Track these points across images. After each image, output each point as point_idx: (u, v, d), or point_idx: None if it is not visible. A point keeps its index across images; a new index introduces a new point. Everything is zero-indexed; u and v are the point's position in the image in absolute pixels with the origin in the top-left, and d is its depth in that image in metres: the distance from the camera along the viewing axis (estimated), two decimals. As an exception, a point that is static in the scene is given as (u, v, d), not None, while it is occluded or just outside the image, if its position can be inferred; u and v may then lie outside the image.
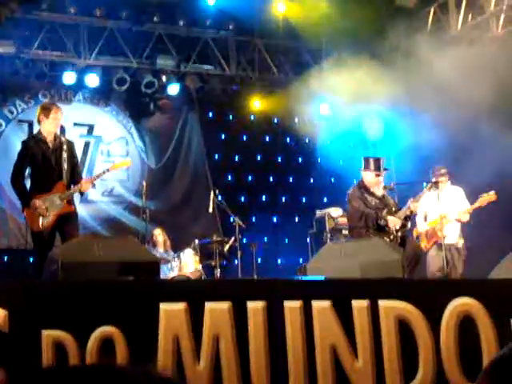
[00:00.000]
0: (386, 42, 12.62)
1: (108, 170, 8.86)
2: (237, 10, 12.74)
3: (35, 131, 8.97)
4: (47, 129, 8.15)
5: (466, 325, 5.08)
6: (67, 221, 8.03)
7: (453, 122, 10.82)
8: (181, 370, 4.55)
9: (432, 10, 12.98)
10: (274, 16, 13.25)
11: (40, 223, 7.85)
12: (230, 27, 13.83)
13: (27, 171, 8.21)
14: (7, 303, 4.36)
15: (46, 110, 8.17)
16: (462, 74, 10.38)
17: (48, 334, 4.36)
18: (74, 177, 8.25)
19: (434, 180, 9.92)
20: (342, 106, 14.12)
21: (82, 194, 8.48)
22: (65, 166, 8.10)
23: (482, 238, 10.55)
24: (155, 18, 13.20)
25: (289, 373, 4.83)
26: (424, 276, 9.72)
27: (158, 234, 11.63)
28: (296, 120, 14.83)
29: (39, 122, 8.23)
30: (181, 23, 13.45)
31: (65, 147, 8.16)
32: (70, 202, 8.12)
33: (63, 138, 8.38)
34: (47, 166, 8.04)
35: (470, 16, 12.25)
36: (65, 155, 8.11)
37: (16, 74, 12.79)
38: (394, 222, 8.94)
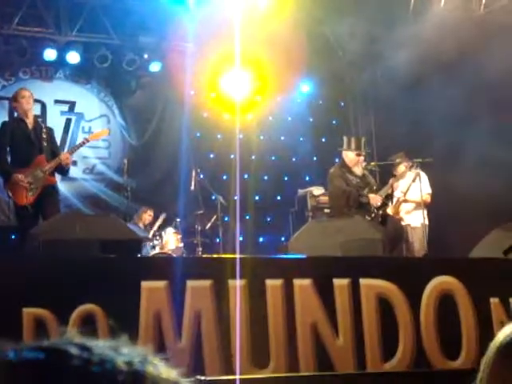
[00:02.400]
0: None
1: (87, 140, 9.04)
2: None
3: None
4: (22, 109, 8.39)
5: (446, 303, 5.12)
6: (48, 197, 8.09)
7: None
8: (162, 347, 4.56)
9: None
10: None
11: (24, 196, 7.89)
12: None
13: (7, 148, 8.25)
14: (-13, 281, 4.35)
15: (14, 97, 8.60)
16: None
17: (29, 312, 4.36)
18: (55, 154, 8.35)
19: (410, 162, 10.08)
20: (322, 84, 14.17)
21: (64, 170, 8.56)
22: (44, 143, 8.17)
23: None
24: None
25: (270, 350, 4.86)
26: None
27: (149, 216, 11.72)
28: (278, 98, 14.81)
29: (15, 109, 8.68)
30: None
31: (44, 129, 8.40)
32: (52, 174, 8.21)
33: (42, 124, 8.67)
34: (27, 142, 8.17)
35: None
36: (44, 136, 8.24)
37: (-5, 50, 12.68)
38: (375, 200, 9.01)
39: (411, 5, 12.79)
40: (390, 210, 9.76)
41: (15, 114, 8.99)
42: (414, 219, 10.32)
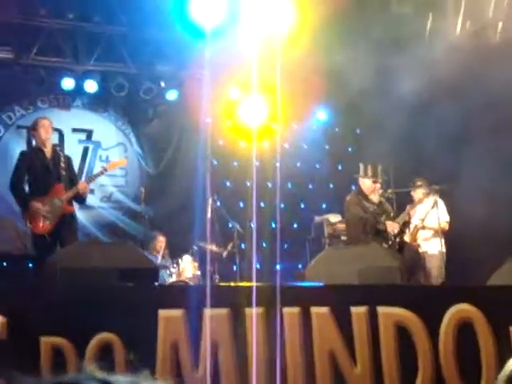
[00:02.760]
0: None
1: (105, 170, 9.04)
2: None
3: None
4: (41, 138, 8.42)
5: (465, 331, 5.08)
6: (66, 226, 8.11)
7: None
8: (179, 377, 4.55)
9: (430, 16, 12.98)
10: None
11: (41, 225, 7.92)
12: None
13: (26, 177, 8.28)
14: (6, 310, 4.35)
15: (33, 126, 8.61)
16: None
17: (46, 341, 4.36)
18: (73, 183, 8.38)
19: (424, 191, 10.06)
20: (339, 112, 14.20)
21: (82, 199, 8.58)
22: (63, 172, 8.20)
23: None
24: (154, 25, 13.20)
25: (288, 379, 4.83)
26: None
27: (162, 242, 11.68)
28: (295, 126, 14.84)
29: (33, 138, 8.71)
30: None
31: (62, 158, 8.40)
32: (70, 203, 8.23)
33: (61, 153, 8.66)
34: (45, 172, 8.18)
35: (468, 23, 12.24)
36: (63, 164, 8.26)
37: (14, 79, 12.77)
38: (392, 227, 8.96)
39: (426, 32, 12.83)
40: (407, 237, 9.72)
41: (33, 143, 9.02)
42: (432, 246, 10.29)
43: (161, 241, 11.67)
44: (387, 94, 14.16)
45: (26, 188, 8.24)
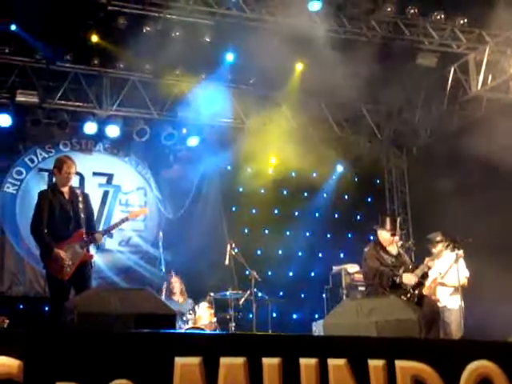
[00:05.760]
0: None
1: (127, 219, 8.99)
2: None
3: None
4: (60, 183, 8.34)
5: (485, 388, 5.01)
6: (83, 270, 8.10)
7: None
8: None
9: (452, 70, 13.07)
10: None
11: (63, 271, 7.92)
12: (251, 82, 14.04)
13: (45, 220, 8.25)
14: (22, 353, 4.34)
15: (59, 165, 8.36)
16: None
17: (62, 386, 4.33)
18: (90, 223, 8.38)
19: (448, 241, 9.99)
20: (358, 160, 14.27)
21: (97, 245, 8.61)
22: (82, 215, 8.21)
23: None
24: (177, 72, 13.36)
25: (303, 432, 4.77)
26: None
27: (175, 282, 11.63)
28: (314, 174, 14.88)
29: (54, 175, 8.45)
30: (203, 76, 13.59)
31: (80, 198, 8.35)
32: (88, 249, 8.28)
33: (78, 190, 8.62)
34: (65, 215, 8.15)
35: (490, 77, 12.31)
36: (81, 205, 8.24)
37: (38, 123, 12.92)
38: (408, 279, 8.88)
39: (448, 86, 12.90)
40: (425, 290, 9.64)
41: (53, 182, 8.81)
42: (451, 302, 10.23)
43: (174, 282, 11.64)
44: (408, 145, 14.24)
45: (46, 231, 8.20)
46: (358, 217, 15.07)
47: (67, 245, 8.02)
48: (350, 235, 14.92)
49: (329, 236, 15.00)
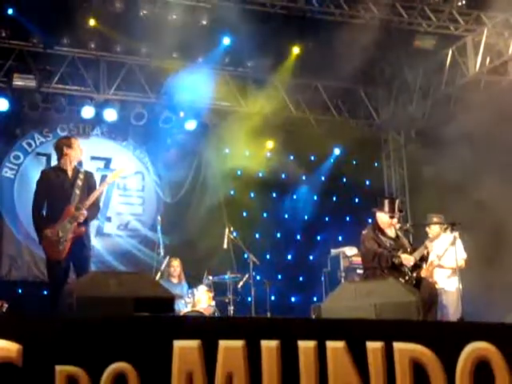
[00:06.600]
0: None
1: (106, 183, 8.95)
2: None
3: (53, 164, 9.08)
4: (74, 157, 8.30)
5: (482, 369, 5.03)
6: (78, 247, 7.99)
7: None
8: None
9: (450, 53, 13.04)
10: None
11: (55, 251, 7.88)
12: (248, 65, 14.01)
13: (45, 202, 8.19)
14: (21, 337, 4.35)
15: (69, 142, 8.38)
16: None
17: (61, 370, 4.35)
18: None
19: (444, 224, 10.01)
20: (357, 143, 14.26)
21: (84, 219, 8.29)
22: (77, 191, 8.09)
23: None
24: (174, 55, 13.32)
25: (302, 414, 4.79)
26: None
27: (177, 266, 11.64)
28: (312, 157, 14.89)
29: (64, 154, 8.29)
30: (199, 60, 13.56)
31: (81, 176, 8.24)
32: (81, 224, 8.11)
33: (81, 169, 8.50)
34: (63, 196, 8.07)
35: (488, 59, 12.28)
36: (80, 183, 8.14)
37: (35, 107, 12.89)
38: (407, 260, 8.88)
39: (446, 68, 12.86)
40: (423, 273, 9.66)
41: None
42: (449, 284, 10.25)
43: (175, 266, 11.64)
44: (406, 128, 14.21)
45: (44, 213, 8.15)
46: (357, 200, 15.07)
47: (61, 223, 7.97)
48: (348, 218, 14.93)
49: (327, 219, 15.01)
